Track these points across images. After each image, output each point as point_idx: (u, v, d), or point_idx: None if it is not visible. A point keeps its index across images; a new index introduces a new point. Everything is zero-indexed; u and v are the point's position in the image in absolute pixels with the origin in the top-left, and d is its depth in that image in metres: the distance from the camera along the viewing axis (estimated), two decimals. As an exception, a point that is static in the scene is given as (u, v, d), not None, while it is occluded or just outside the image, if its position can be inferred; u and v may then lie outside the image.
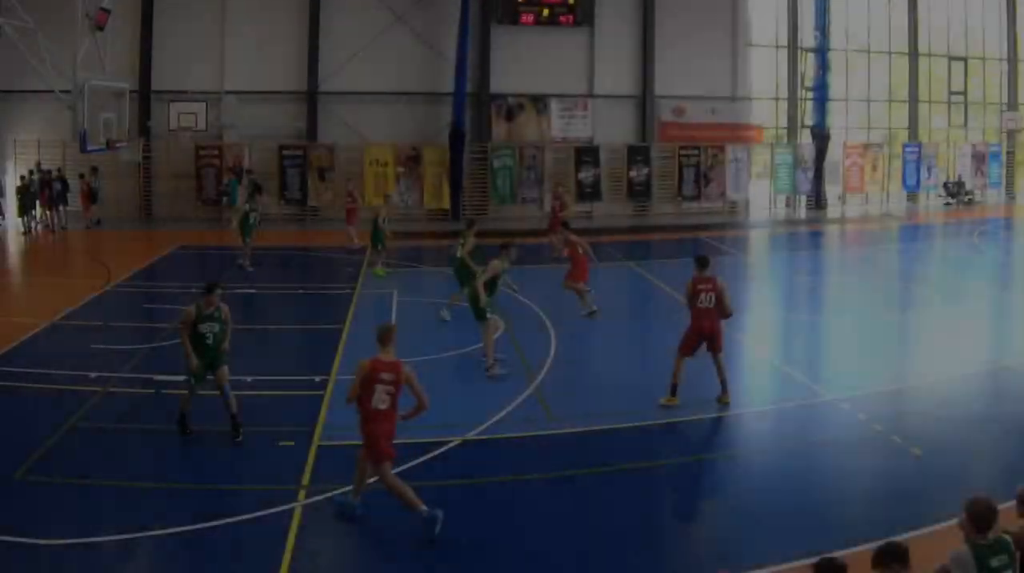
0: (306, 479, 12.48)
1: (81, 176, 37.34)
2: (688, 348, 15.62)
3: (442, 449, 13.57)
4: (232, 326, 14.34)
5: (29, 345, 19.15)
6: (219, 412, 14.33)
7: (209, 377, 13.85)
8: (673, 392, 15.52)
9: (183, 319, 13.84)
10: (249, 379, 16.51)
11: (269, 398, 15.98)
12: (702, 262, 15.88)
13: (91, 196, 37.29)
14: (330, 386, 16.43)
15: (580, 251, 22.40)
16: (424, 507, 10.65)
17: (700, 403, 15.64)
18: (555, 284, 21.88)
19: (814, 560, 7.09)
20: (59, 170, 37.27)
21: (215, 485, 11.97)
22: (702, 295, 15.52)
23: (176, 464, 13.10)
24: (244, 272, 26.95)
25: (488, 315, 17.35)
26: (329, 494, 11.83)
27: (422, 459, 13.13)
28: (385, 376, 10.74)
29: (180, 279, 26.19)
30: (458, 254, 21.29)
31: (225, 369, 13.96)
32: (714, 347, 15.69)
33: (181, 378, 14.57)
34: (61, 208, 36.93)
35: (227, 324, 14.06)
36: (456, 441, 13.91)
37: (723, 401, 15.75)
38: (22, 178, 36.35)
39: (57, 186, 36.61)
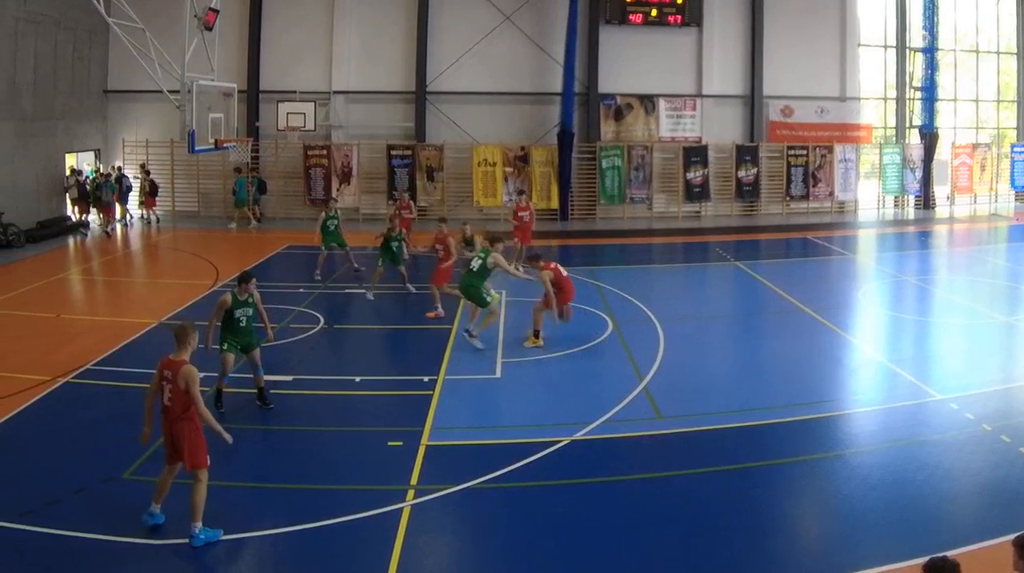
0: (415, 479, 12.55)
1: (147, 173, 38.27)
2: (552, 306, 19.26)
3: (550, 449, 13.55)
4: (264, 307, 15.58)
5: (138, 345, 19.46)
6: (328, 413, 15.23)
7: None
8: (537, 335, 19.33)
9: (219, 305, 14.99)
10: (358, 379, 16.79)
11: (378, 398, 16.16)
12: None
13: (154, 192, 38.26)
14: (438, 386, 16.54)
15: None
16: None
17: (807, 404, 15.54)
18: (661, 284, 21.59)
19: (924, 560, 6.98)
20: (119, 167, 38.20)
21: (324, 485, 12.08)
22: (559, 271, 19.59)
23: (284, 463, 13.22)
24: (353, 273, 27.01)
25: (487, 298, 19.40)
26: (438, 494, 11.96)
27: (531, 459, 13.15)
28: (167, 373, 10.80)
29: (289, 279, 26.54)
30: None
31: (257, 351, 15.28)
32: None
33: (216, 372, 15.07)
34: (128, 205, 38.01)
35: (258, 308, 15.32)
36: (564, 441, 13.89)
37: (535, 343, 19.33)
38: (98, 170, 37.37)
39: (127, 182, 37.55)
